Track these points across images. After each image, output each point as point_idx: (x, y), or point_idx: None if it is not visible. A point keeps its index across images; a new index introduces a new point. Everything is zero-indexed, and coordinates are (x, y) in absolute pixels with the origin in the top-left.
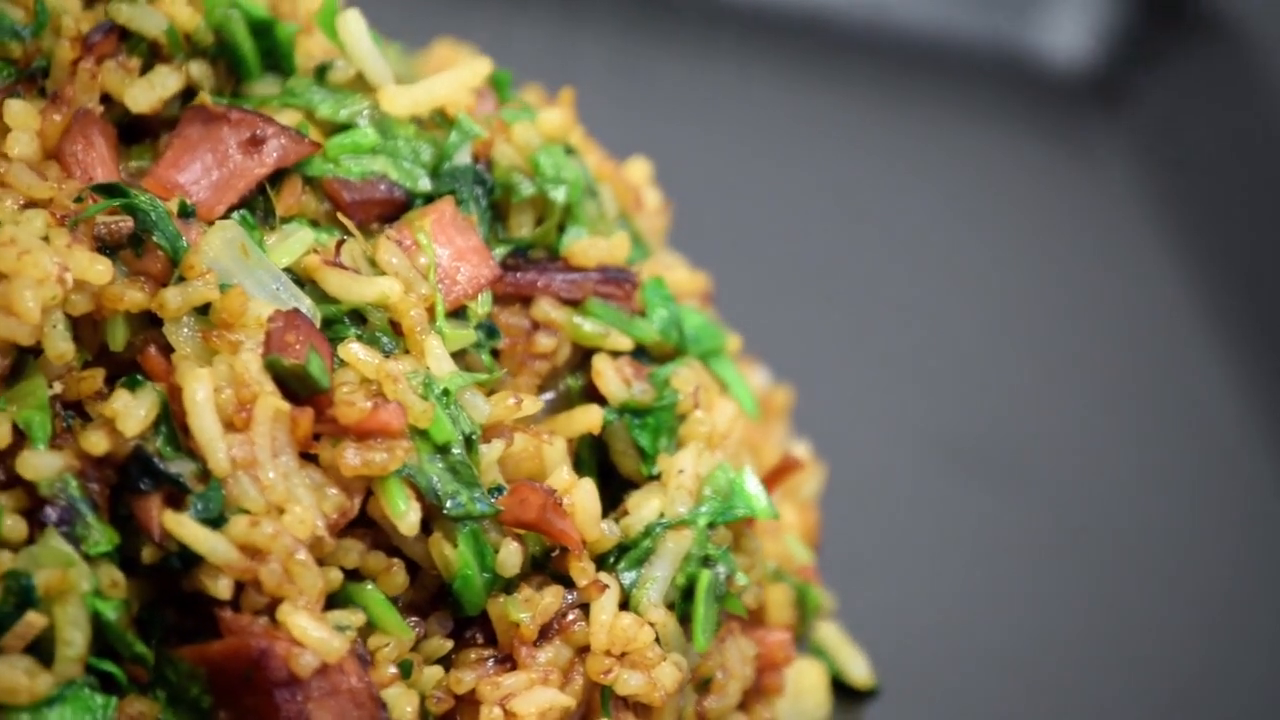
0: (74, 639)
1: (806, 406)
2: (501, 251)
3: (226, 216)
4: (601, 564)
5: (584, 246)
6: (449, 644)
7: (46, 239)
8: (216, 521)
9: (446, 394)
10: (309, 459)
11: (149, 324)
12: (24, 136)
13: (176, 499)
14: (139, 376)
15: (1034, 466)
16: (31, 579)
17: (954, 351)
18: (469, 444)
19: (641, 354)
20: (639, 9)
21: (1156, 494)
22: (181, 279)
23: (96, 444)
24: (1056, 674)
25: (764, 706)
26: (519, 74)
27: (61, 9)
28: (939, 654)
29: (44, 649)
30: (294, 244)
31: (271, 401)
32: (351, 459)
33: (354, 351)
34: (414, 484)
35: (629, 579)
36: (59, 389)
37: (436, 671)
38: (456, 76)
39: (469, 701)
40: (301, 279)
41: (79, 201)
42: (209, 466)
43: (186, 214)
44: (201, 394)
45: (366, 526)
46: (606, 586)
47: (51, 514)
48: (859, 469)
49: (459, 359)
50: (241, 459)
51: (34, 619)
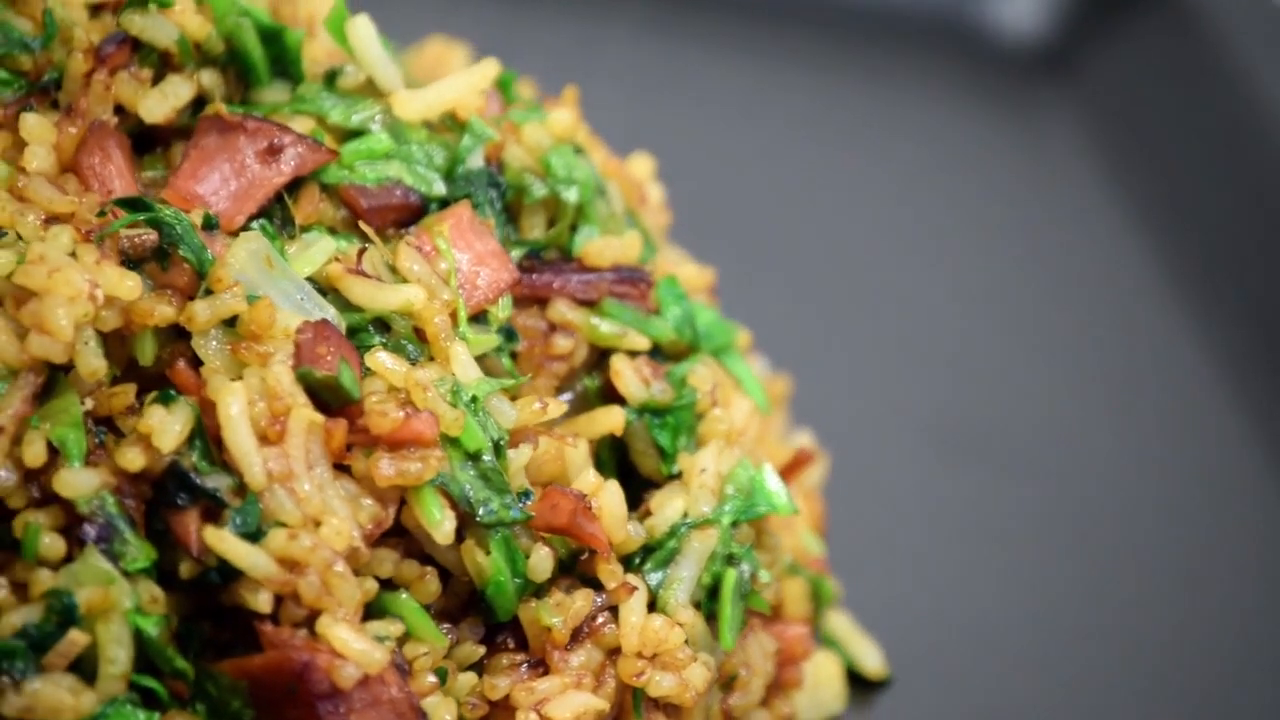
0: (117, 656)
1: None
2: (517, 254)
3: (246, 226)
4: (627, 565)
5: (598, 247)
6: (481, 650)
7: (74, 255)
8: (255, 535)
9: (474, 401)
10: (341, 469)
11: (175, 337)
12: (41, 150)
13: (213, 513)
14: (171, 391)
15: (1017, 444)
16: (73, 597)
17: (928, 332)
18: (497, 450)
19: (656, 352)
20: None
21: (1141, 465)
22: (209, 292)
23: (133, 460)
24: (1062, 655)
25: (783, 701)
26: (509, 68)
27: (69, 20)
28: (946, 641)
29: (86, 667)
30: (316, 253)
31: (305, 414)
32: (386, 470)
33: (381, 360)
34: (447, 492)
35: (655, 580)
36: (90, 405)
37: (470, 678)
38: (466, 79)
39: (503, 707)
40: (323, 288)
41: (101, 215)
42: (245, 480)
43: (210, 226)
44: (236, 408)
45: (398, 535)
46: (635, 588)
47: (90, 531)
48: (844, 454)
49: (479, 363)
50: (277, 472)
51: (77, 637)
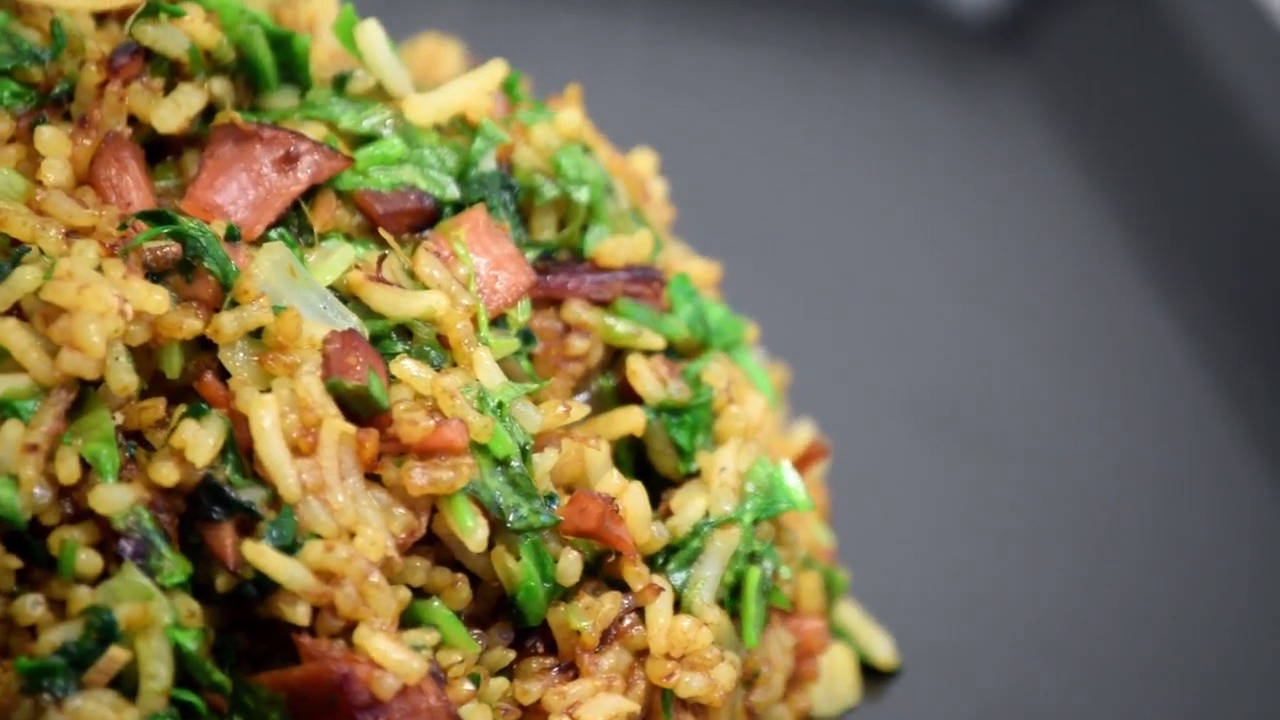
0: (158, 672)
1: None
2: (530, 255)
3: (265, 236)
4: (650, 565)
5: (611, 246)
6: (511, 654)
7: (99, 269)
8: (291, 548)
9: (500, 406)
10: (372, 479)
11: (199, 349)
12: (57, 163)
13: (248, 526)
14: (203, 405)
15: (1001, 424)
16: (113, 614)
17: (902, 312)
18: (523, 455)
19: (669, 350)
20: None
21: (1124, 440)
22: (235, 303)
23: (168, 475)
24: (1066, 636)
25: (800, 695)
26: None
27: (78, 31)
28: (954, 629)
29: (126, 683)
30: (336, 261)
31: (337, 425)
32: (419, 479)
33: (407, 368)
34: (477, 499)
35: (679, 580)
36: (119, 419)
37: (501, 683)
38: (474, 81)
39: (535, 712)
40: (344, 295)
41: (123, 228)
42: (279, 492)
43: (233, 237)
44: (268, 420)
45: (428, 543)
46: (662, 589)
47: (127, 547)
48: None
49: (498, 367)
50: (311, 483)
51: (117, 654)
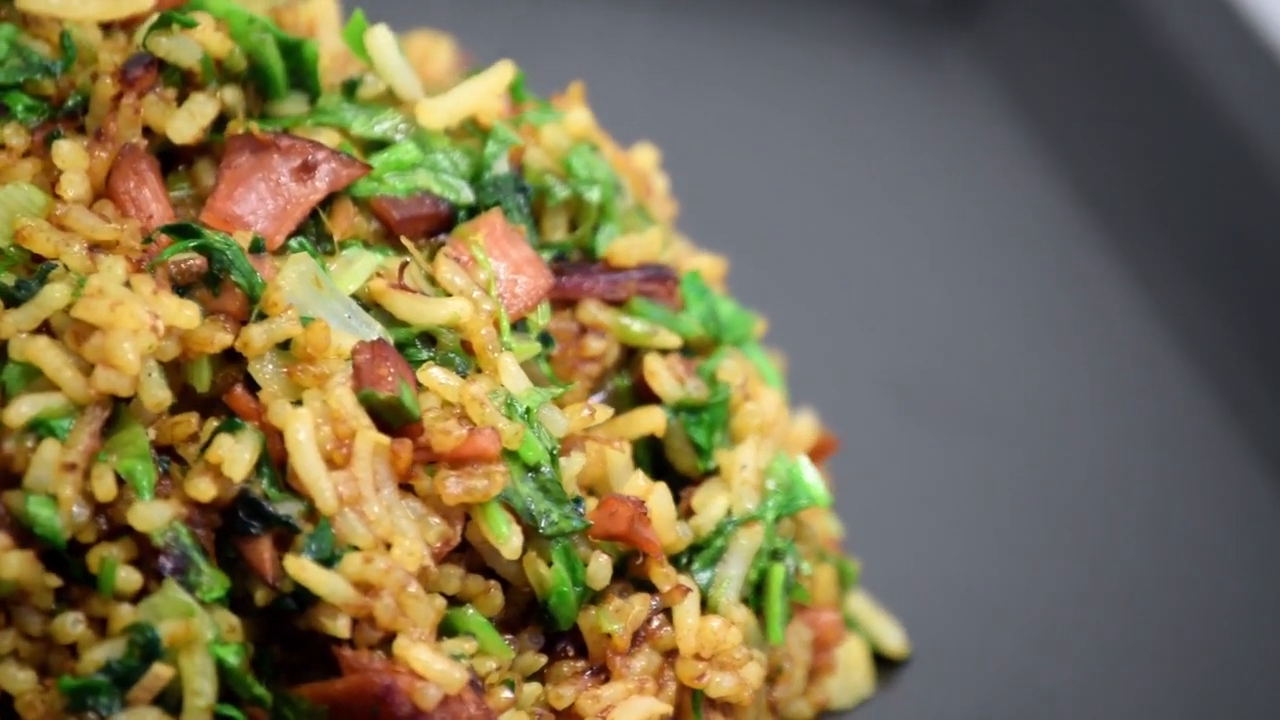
0: (203, 689)
1: None
2: (544, 257)
3: (285, 246)
4: (675, 565)
5: (624, 246)
6: (543, 659)
7: (127, 285)
8: (329, 560)
9: (528, 412)
10: (405, 488)
11: (226, 361)
12: (76, 177)
13: (284, 539)
14: (236, 420)
15: (982, 403)
16: (156, 631)
17: (879, 296)
18: (551, 459)
19: (682, 348)
20: None
21: (1111, 421)
22: (262, 316)
23: (205, 491)
24: (1068, 618)
25: (818, 688)
26: (491, 57)
27: (86, 41)
28: (960, 616)
29: (169, 699)
30: (358, 270)
31: (370, 436)
32: (453, 488)
33: (435, 376)
34: (510, 506)
35: (704, 579)
36: (152, 435)
37: (534, 688)
38: (484, 83)
39: (568, 716)
40: (366, 303)
41: (148, 242)
42: (316, 505)
43: (258, 249)
44: (303, 434)
45: (459, 550)
46: (689, 590)
47: (167, 563)
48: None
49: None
50: (347, 495)
51: (161, 671)
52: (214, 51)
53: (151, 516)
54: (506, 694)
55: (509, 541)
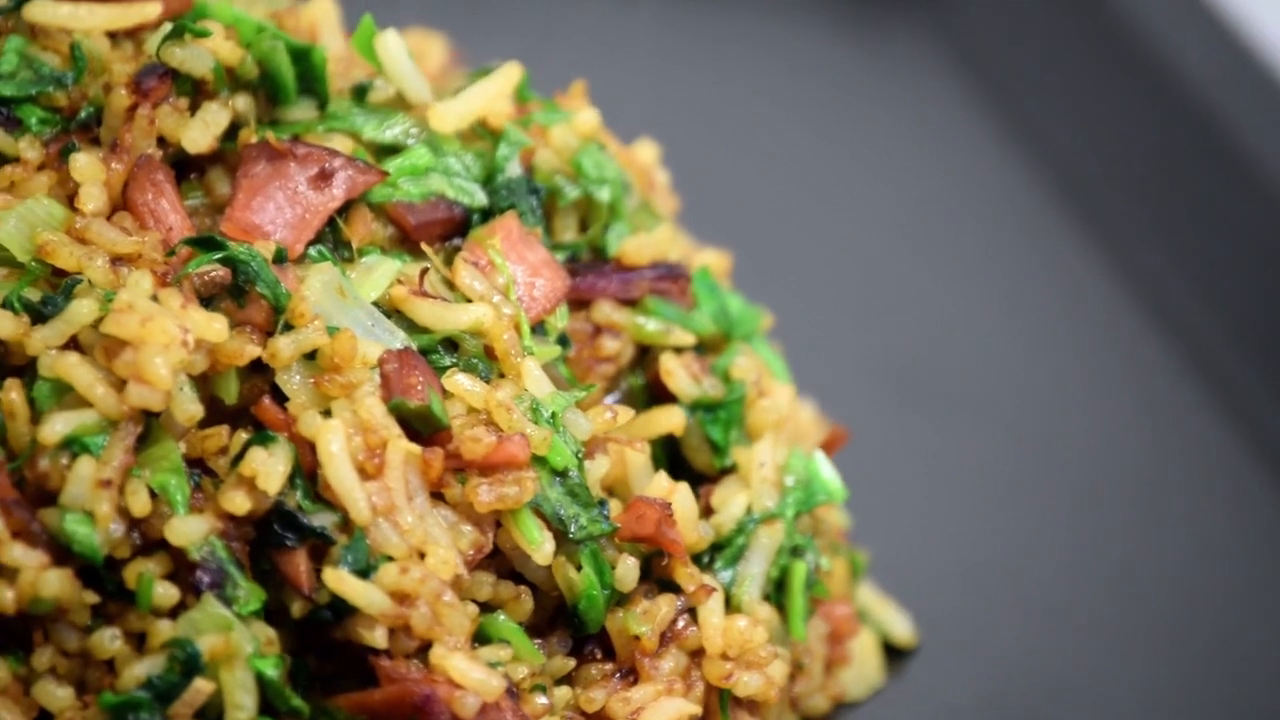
0: (244, 703)
1: None
2: (559, 258)
3: (304, 254)
4: (696, 564)
5: (636, 245)
6: (571, 663)
7: (154, 299)
8: (365, 571)
9: (554, 417)
10: (435, 497)
11: (251, 372)
12: (95, 190)
13: (318, 550)
14: (268, 432)
15: (968, 386)
16: (196, 646)
17: (863, 278)
18: (578, 463)
19: (694, 345)
20: None
21: (1082, 395)
22: (288, 326)
23: (240, 504)
24: (1070, 599)
25: (833, 681)
26: (483, 53)
27: (95, 51)
28: (962, 601)
29: (209, 713)
30: (379, 278)
31: (402, 445)
32: (485, 496)
33: (460, 383)
34: (540, 512)
35: (726, 577)
36: (182, 448)
37: (565, 692)
38: (493, 85)
39: (599, 718)
40: (386, 310)
41: (171, 255)
42: (351, 516)
43: (281, 259)
44: (336, 445)
45: (488, 556)
46: (714, 590)
47: (204, 578)
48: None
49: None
50: (380, 506)
51: (202, 686)
52: (225, 60)
53: (188, 531)
54: (541, 700)
55: (542, 547)
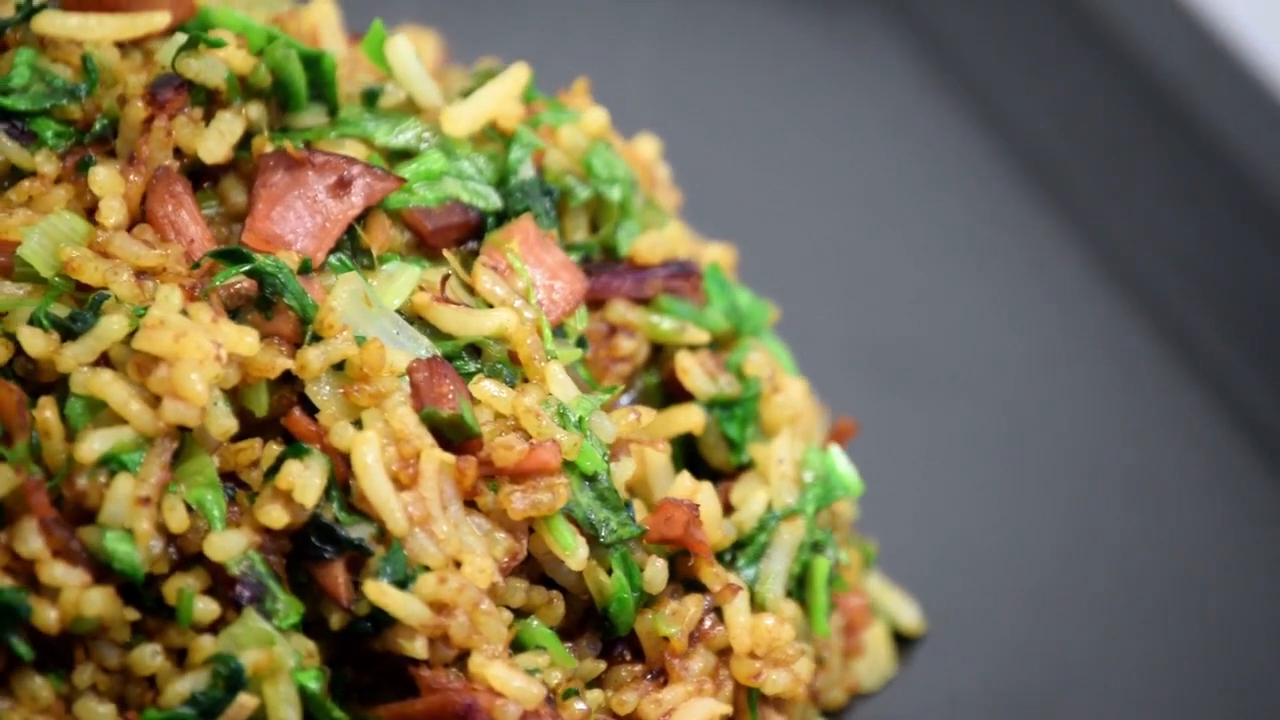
0: (288, 717)
1: None
2: (574, 259)
3: (324, 263)
4: (719, 562)
5: (649, 243)
6: (602, 665)
7: (184, 313)
8: (404, 582)
9: (581, 421)
10: (468, 505)
11: (279, 383)
12: (115, 203)
13: (355, 562)
14: (303, 445)
15: (950, 367)
16: (239, 661)
17: (839, 263)
18: (605, 467)
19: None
20: None
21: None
22: (317, 337)
23: (278, 518)
24: (1070, 580)
25: (848, 673)
26: (473, 50)
27: (106, 62)
28: (966, 586)
29: None
30: (401, 285)
31: (436, 454)
32: (519, 504)
33: (487, 389)
34: (571, 517)
35: (749, 575)
36: (215, 462)
37: (597, 695)
38: (502, 87)
39: None
40: (409, 317)
41: (195, 267)
42: (388, 527)
43: (306, 270)
44: (371, 457)
45: (520, 562)
46: (740, 589)
47: (245, 593)
48: None
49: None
50: (416, 516)
51: (246, 701)
52: (237, 69)
53: (226, 546)
54: (580, 706)
55: (576, 553)
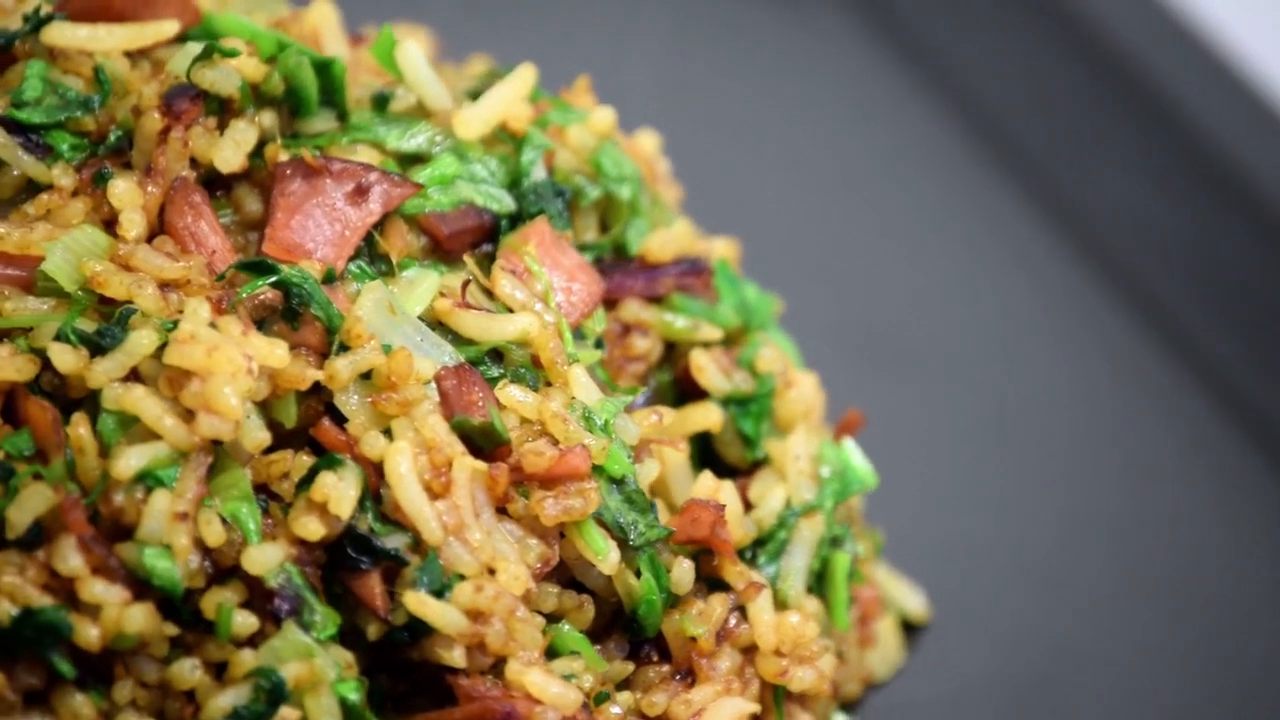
0: None
1: None
2: (588, 259)
3: (345, 271)
4: (740, 560)
5: (659, 242)
6: (630, 667)
7: (213, 326)
8: (440, 591)
9: (606, 424)
10: (499, 512)
11: (307, 394)
12: (136, 216)
13: (390, 572)
14: (336, 456)
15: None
16: (280, 674)
17: (816, 248)
18: (633, 469)
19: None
20: None
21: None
22: (344, 347)
23: (314, 530)
24: (1067, 561)
25: (861, 664)
26: (464, 45)
27: (117, 72)
28: (967, 574)
29: None
30: (423, 292)
31: (468, 462)
32: (551, 509)
33: (513, 395)
34: (601, 521)
35: (769, 572)
36: (249, 475)
37: (626, 697)
38: (511, 88)
39: None
40: (429, 323)
41: (221, 279)
42: (423, 537)
43: (331, 280)
44: (404, 466)
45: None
46: (763, 586)
47: (283, 606)
48: None
49: None
50: (450, 525)
51: (288, 714)
52: (250, 77)
53: (264, 559)
54: (615, 710)
55: (608, 557)
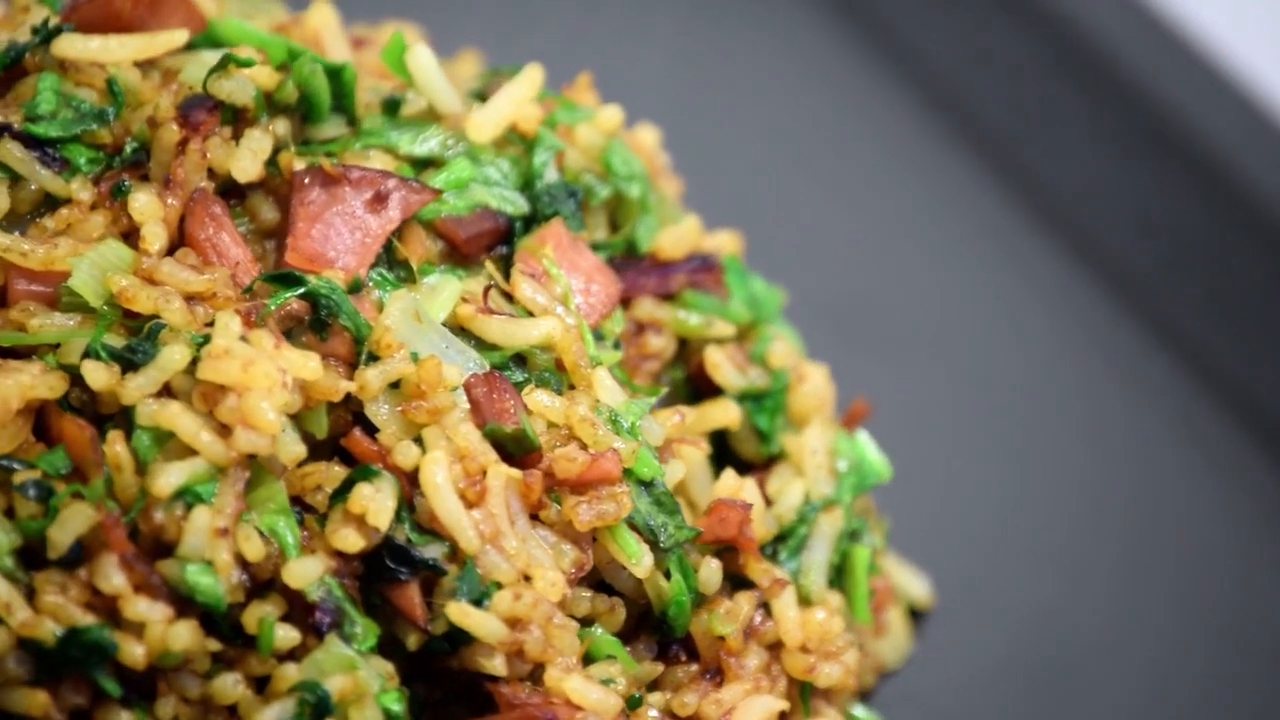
0: None
1: None
2: (601, 259)
3: (366, 279)
4: (762, 556)
5: (671, 239)
6: (660, 667)
7: (243, 339)
8: (479, 600)
9: (633, 427)
10: (532, 518)
11: (336, 404)
12: (157, 229)
13: (428, 582)
14: (371, 467)
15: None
16: (325, 688)
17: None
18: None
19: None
20: None
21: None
22: (373, 357)
23: (353, 542)
24: (1070, 543)
25: (876, 654)
26: (456, 41)
27: (129, 83)
28: (970, 558)
29: None
30: (446, 298)
31: (502, 470)
32: (585, 515)
33: (540, 400)
34: (632, 524)
35: (790, 568)
36: (284, 488)
37: (657, 697)
38: (519, 89)
39: None
40: (453, 329)
41: (247, 292)
42: (460, 546)
43: (357, 289)
44: (440, 476)
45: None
46: (787, 583)
47: (325, 619)
48: None
49: None
50: (486, 533)
51: None
52: (263, 85)
53: (304, 573)
54: (652, 713)
55: (642, 560)
